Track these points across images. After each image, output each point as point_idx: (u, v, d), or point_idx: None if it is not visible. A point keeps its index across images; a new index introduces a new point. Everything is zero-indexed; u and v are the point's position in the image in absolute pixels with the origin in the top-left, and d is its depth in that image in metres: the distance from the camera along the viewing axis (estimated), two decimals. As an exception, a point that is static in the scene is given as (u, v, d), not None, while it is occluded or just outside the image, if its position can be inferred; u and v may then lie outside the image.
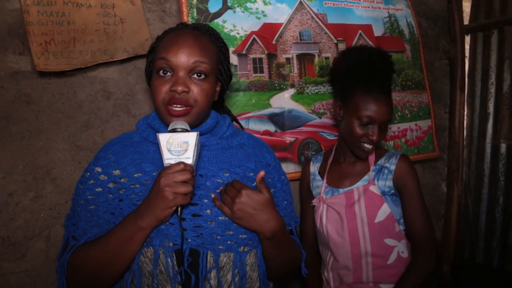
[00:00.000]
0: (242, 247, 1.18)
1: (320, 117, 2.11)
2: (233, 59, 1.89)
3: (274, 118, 1.98)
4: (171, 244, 1.12)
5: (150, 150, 1.25)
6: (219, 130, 1.32)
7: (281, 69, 2.02)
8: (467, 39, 2.73)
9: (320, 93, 2.12)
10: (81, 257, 1.13)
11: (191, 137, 1.07)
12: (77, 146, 1.63)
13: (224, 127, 1.34)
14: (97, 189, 1.19)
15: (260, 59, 1.96)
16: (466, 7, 2.73)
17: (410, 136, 2.43)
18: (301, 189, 1.95)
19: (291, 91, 2.05)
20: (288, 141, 2.00)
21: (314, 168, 1.88)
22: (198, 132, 1.10)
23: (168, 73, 1.17)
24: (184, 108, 1.16)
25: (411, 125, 2.44)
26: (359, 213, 1.64)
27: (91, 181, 1.19)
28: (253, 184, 1.25)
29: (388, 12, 2.39)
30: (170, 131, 1.11)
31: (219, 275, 1.14)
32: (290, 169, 2.02)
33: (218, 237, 1.15)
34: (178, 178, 1.04)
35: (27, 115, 1.55)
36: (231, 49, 1.87)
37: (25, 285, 1.57)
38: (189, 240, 1.13)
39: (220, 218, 1.17)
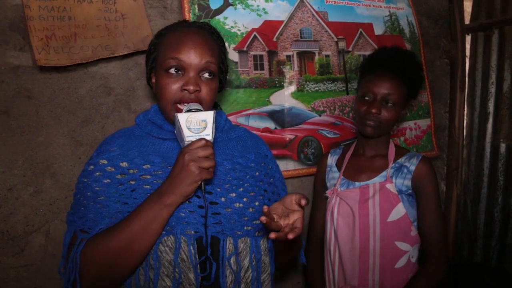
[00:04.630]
0: (257, 232, 1.23)
1: (320, 115, 2.11)
2: (234, 56, 1.89)
3: (274, 116, 1.98)
4: (192, 232, 1.14)
5: (155, 143, 1.25)
6: (219, 125, 1.36)
7: (281, 67, 2.02)
8: (468, 38, 2.73)
9: (320, 91, 2.13)
10: (96, 247, 1.09)
11: (209, 116, 1.12)
12: (77, 141, 1.63)
13: (222, 122, 1.38)
14: (105, 181, 1.17)
15: (261, 56, 1.96)
16: (467, 6, 2.73)
17: (409, 135, 2.44)
18: (316, 181, 1.94)
19: (291, 88, 2.05)
20: (287, 139, 2.01)
21: (331, 160, 1.87)
22: (215, 111, 1.14)
23: (179, 72, 1.19)
24: None
25: (410, 124, 2.44)
26: (372, 210, 1.61)
27: (97, 173, 1.17)
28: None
29: (389, 11, 2.39)
30: (186, 112, 1.13)
31: (238, 260, 1.18)
32: (289, 166, 2.03)
33: (236, 223, 1.19)
34: (201, 153, 1.07)
35: (28, 110, 1.55)
36: (232, 46, 1.88)
37: (24, 280, 1.57)
38: (209, 227, 1.16)
39: (235, 205, 1.21)
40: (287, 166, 2.02)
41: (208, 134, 1.12)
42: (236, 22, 1.89)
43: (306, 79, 2.09)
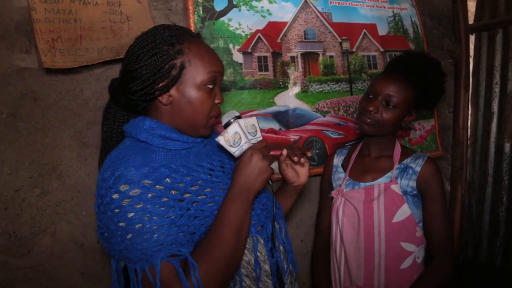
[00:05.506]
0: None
1: (324, 116, 2.12)
2: (238, 57, 1.90)
3: (278, 116, 1.99)
4: (259, 228, 1.22)
5: (172, 155, 1.17)
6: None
7: (285, 68, 2.02)
8: (472, 38, 2.73)
9: (324, 91, 2.13)
10: (211, 264, 1.04)
11: (255, 120, 1.23)
12: (83, 143, 1.64)
13: None
14: (163, 199, 1.05)
15: (265, 58, 1.96)
16: (471, 6, 2.73)
17: (413, 135, 2.44)
18: (322, 181, 1.95)
19: (296, 89, 2.06)
20: (292, 139, 2.01)
21: (337, 160, 1.87)
22: (238, 120, 1.20)
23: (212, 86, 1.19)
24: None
25: (415, 124, 2.44)
26: (377, 210, 1.61)
27: (150, 194, 1.03)
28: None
29: (393, 11, 2.39)
30: (235, 118, 1.21)
31: (285, 241, 1.31)
32: (294, 167, 2.03)
33: (275, 211, 1.27)
34: (267, 152, 1.16)
35: (34, 111, 1.56)
36: (236, 47, 1.88)
37: (31, 281, 1.58)
38: (264, 219, 1.24)
39: (265, 199, 1.29)
40: (291, 167, 2.02)
41: (260, 136, 1.22)
42: (240, 23, 1.90)
43: (310, 80, 2.09)
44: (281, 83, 2.01)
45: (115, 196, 1.01)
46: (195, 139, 1.21)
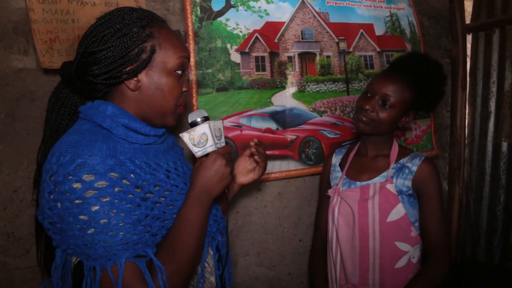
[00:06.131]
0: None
1: (321, 115, 2.13)
2: (236, 57, 1.90)
3: (275, 116, 2.00)
4: (210, 239, 1.20)
5: (143, 149, 1.12)
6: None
7: (283, 68, 2.03)
8: (469, 38, 2.74)
9: (321, 91, 2.14)
10: (176, 265, 1.03)
11: (221, 124, 1.24)
12: (81, 143, 1.64)
13: None
14: (129, 196, 1.00)
15: (263, 58, 1.97)
16: (468, 6, 2.74)
17: (409, 134, 2.45)
18: (321, 180, 1.96)
19: (293, 89, 2.06)
20: (289, 139, 2.02)
21: (335, 159, 1.88)
22: (208, 121, 1.17)
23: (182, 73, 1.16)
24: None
25: (411, 125, 2.45)
26: (371, 209, 1.61)
27: (117, 189, 0.97)
28: None
29: (390, 11, 2.40)
30: (204, 118, 1.19)
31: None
32: (291, 166, 2.04)
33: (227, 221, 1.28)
34: (229, 158, 1.16)
35: (32, 112, 1.57)
36: (234, 47, 1.89)
37: (30, 281, 1.59)
38: (215, 230, 1.23)
39: (215, 210, 1.25)
40: (288, 166, 2.03)
41: (223, 141, 1.22)
42: (238, 23, 1.91)
43: (307, 80, 2.10)
44: (278, 83, 2.02)
45: (77, 185, 0.93)
46: (157, 132, 1.14)
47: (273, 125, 1.98)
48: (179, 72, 1.13)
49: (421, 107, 1.71)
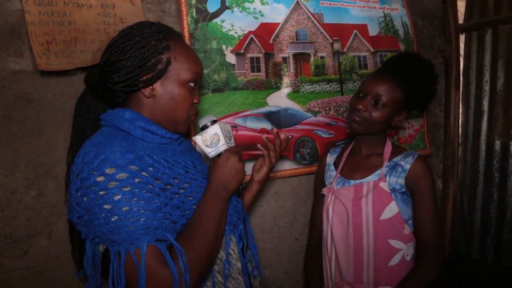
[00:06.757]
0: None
1: (315, 115, 2.14)
2: (231, 58, 1.92)
3: (270, 116, 2.01)
4: (232, 227, 1.28)
5: (160, 148, 1.20)
6: None
7: (277, 68, 2.05)
8: (462, 38, 2.77)
9: (315, 91, 2.16)
10: (196, 251, 1.09)
11: (230, 127, 1.33)
12: (78, 144, 1.65)
13: None
14: (149, 186, 1.07)
15: (258, 58, 1.99)
16: (461, 6, 2.77)
17: (402, 134, 2.47)
18: (316, 179, 1.99)
19: (287, 89, 2.08)
20: (285, 139, 2.03)
21: (330, 159, 1.90)
22: (218, 122, 1.28)
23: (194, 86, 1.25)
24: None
25: (404, 124, 2.47)
26: (365, 208, 1.63)
27: (137, 180, 1.05)
28: None
29: (384, 12, 2.42)
30: (213, 122, 1.28)
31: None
32: (286, 166, 2.05)
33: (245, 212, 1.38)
34: (241, 157, 1.26)
35: (29, 114, 1.57)
36: (229, 49, 1.91)
37: (27, 282, 1.59)
38: (236, 219, 1.31)
39: (236, 201, 1.33)
40: (283, 166, 2.05)
41: (233, 142, 1.31)
42: (233, 25, 1.92)
43: (302, 80, 2.12)
44: (273, 83, 2.04)
45: (100, 178, 1.01)
46: (172, 135, 1.23)
47: (268, 126, 2.00)
48: (192, 84, 1.23)
49: (414, 106, 1.73)
